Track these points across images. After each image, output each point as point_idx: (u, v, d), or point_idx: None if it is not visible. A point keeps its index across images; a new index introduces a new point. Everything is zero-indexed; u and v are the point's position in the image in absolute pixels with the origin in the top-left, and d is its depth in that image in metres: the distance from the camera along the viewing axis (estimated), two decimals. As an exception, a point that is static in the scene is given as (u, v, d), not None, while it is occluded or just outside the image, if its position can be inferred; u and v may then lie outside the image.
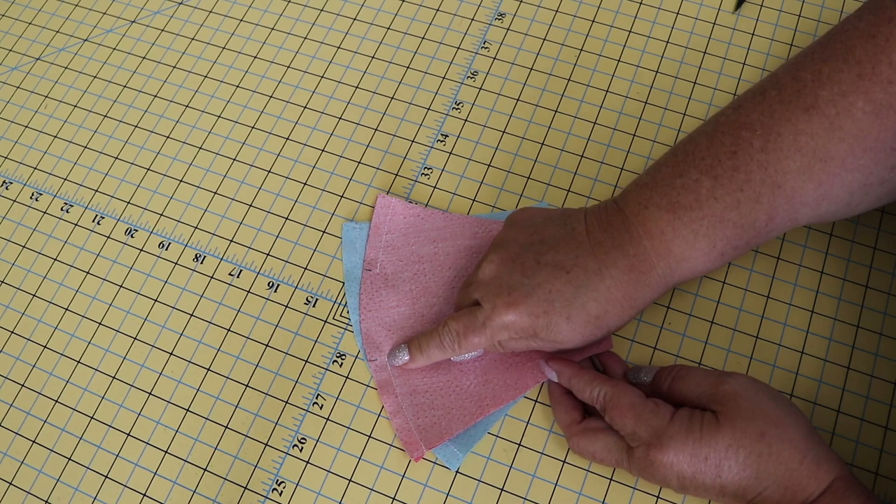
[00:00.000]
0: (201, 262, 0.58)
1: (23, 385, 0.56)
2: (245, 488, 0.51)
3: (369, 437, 0.52)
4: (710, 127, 0.47)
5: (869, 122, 0.42)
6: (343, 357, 0.54)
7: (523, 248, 0.48)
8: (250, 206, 0.60)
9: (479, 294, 0.48)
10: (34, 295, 0.58)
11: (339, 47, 0.65)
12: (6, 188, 0.63)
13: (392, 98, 0.62)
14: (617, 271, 0.46)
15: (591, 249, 0.47)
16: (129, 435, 0.53)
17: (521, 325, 0.47)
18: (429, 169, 0.59)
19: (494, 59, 0.63)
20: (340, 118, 0.62)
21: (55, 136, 0.64)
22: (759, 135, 0.44)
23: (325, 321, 0.55)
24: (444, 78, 0.62)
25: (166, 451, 0.53)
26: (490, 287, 0.48)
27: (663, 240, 0.45)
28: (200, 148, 0.62)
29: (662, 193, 0.46)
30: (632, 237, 0.46)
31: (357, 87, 0.63)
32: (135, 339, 0.56)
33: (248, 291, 0.57)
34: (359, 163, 0.60)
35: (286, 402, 0.53)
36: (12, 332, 0.57)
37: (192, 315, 0.56)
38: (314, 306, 0.56)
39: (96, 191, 0.61)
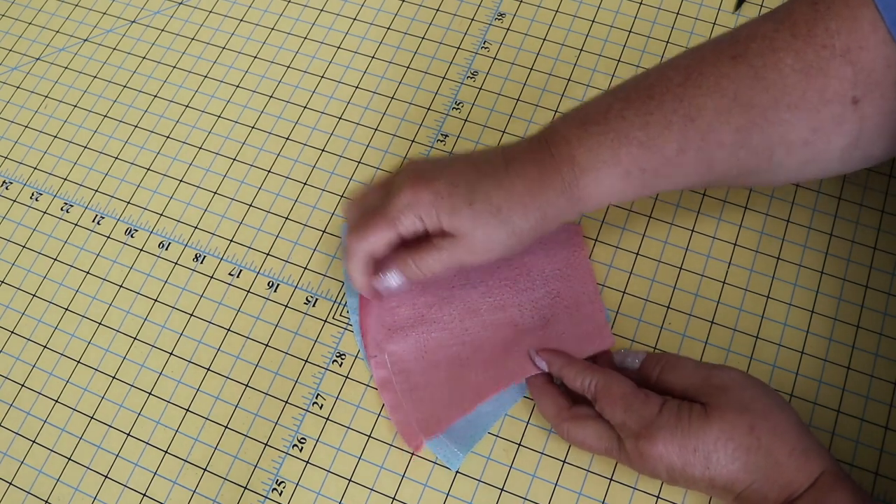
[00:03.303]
0: (201, 262, 0.58)
1: (23, 385, 0.56)
2: (245, 488, 0.51)
3: (369, 436, 0.52)
4: (644, 71, 0.48)
5: (796, 78, 0.43)
6: (343, 357, 0.54)
7: (439, 158, 0.51)
8: (250, 205, 0.60)
9: (389, 187, 0.49)
10: (34, 295, 0.58)
11: (339, 47, 0.65)
12: (6, 188, 0.63)
13: (392, 98, 0.62)
14: (521, 166, 0.47)
15: (503, 153, 0.48)
16: (129, 435, 0.54)
17: (425, 201, 0.47)
18: (429, 169, 0.59)
19: (494, 59, 0.63)
20: (340, 118, 0.62)
21: (55, 136, 0.64)
22: (681, 73, 0.45)
23: (325, 321, 0.55)
24: (444, 78, 0.62)
25: (166, 451, 0.53)
26: (400, 176, 0.49)
27: (568, 147, 0.46)
28: (200, 148, 0.62)
29: (577, 114, 0.48)
30: (541, 144, 0.48)
31: (357, 87, 0.63)
32: (135, 339, 0.56)
33: (248, 291, 0.57)
34: (359, 163, 0.60)
35: (286, 402, 0.53)
36: (12, 332, 0.57)
37: (191, 315, 0.56)
38: (314, 306, 0.56)
39: (96, 191, 0.61)
